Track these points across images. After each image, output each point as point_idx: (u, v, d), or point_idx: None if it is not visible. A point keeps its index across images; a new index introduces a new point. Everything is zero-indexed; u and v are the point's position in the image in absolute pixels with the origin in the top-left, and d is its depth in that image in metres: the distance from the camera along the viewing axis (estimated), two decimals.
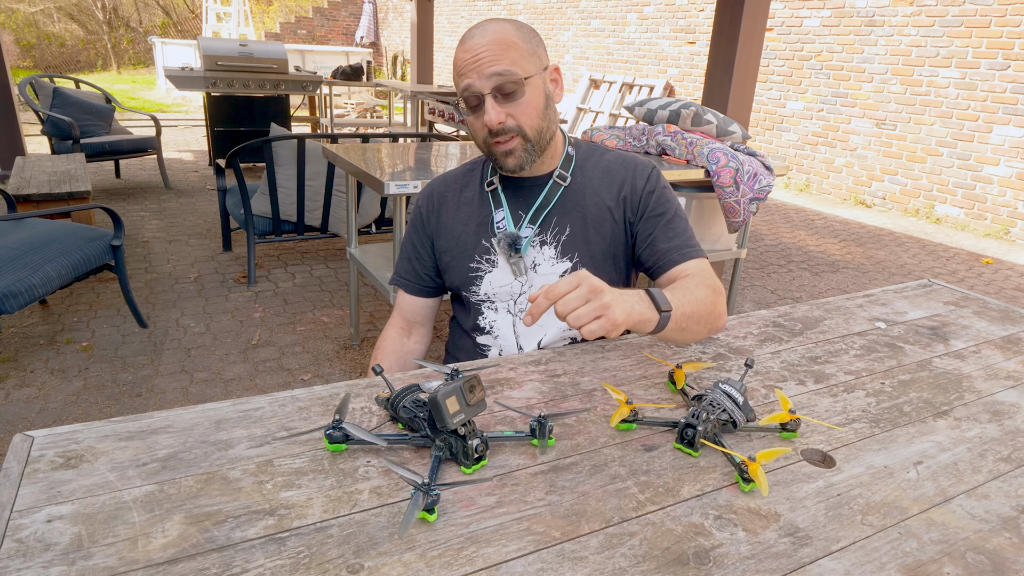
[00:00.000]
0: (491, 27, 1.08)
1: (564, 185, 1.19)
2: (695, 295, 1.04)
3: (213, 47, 5.70)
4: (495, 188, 1.21)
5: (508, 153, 1.11)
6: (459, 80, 1.09)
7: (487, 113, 1.07)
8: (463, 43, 1.08)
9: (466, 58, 1.06)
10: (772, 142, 7.10)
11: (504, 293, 1.20)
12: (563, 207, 1.19)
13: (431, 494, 0.69)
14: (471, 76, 1.06)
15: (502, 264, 1.19)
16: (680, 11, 7.87)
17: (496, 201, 1.21)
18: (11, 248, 2.42)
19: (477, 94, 1.07)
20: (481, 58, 1.05)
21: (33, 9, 15.89)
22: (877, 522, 0.74)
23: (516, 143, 1.10)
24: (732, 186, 2.70)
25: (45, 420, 2.20)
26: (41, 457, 0.76)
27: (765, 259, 4.48)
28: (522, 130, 1.09)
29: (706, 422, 0.84)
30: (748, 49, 3.81)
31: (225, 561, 0.62)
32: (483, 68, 1.05)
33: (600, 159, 1.23)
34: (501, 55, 1.05)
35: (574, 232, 1.18)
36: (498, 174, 1.22)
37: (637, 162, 1.22)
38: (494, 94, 1.06)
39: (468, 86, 1.07)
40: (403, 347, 1.29)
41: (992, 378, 1.11)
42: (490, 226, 1.20)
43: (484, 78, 1.05)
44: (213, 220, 4.57)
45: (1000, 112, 5.20)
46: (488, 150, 1.13)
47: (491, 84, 1.05)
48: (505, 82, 1.05)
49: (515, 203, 1.20)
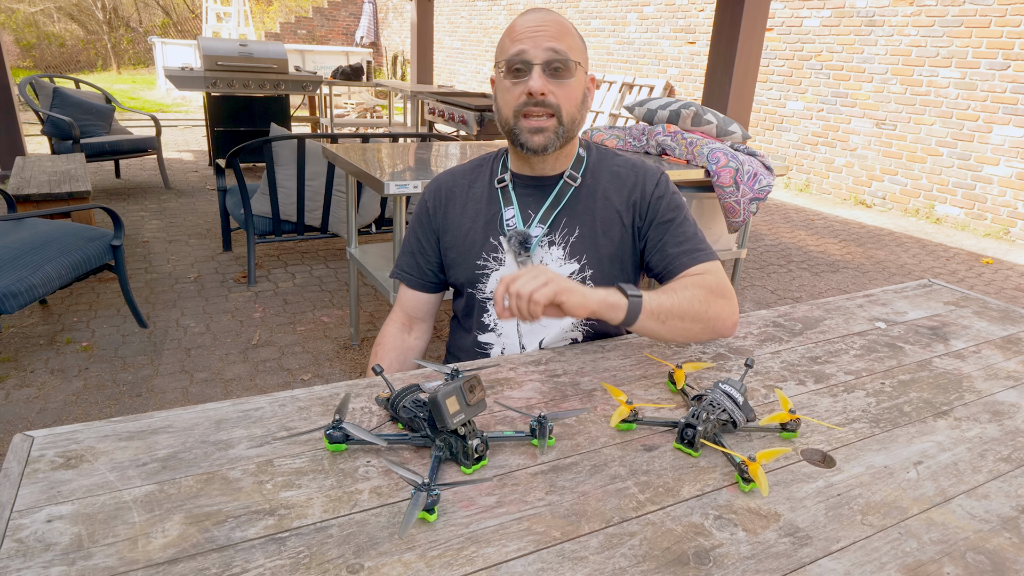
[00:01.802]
0: (552, 13, 1.09)
1: (574, 186, 1.19)
2: (683, 293, 1.05)
3: (213, 47, 5.70)
4: (506, 185, 1.20)
5: (538, 130, 1.09)
6: (510, 45, 1.07)
7: (532, 79, 1.05)
8: (523, 15, 1.09)
9: (526, 25, 1.06)
10: (772, 142, 7.10)
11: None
12: (573, 208, 1.18)
13: (431, 494, 0.69)
14: (526, 43, 1.05)
15: (509, 262, 1.19)
16: (680, 11, 7.87)
17: (506, 198, 1.20)
18: (11, 248, 2.42)
19: (527, 60, 1.06)
20: (541, 30, 1.05)
21: (33, 9, 15.88)
22: (877, 522, 0.74)
23: (551, 123, 1.09)
24: (732, 186, 2.70)
25: (45, 420, 2.20)
26: (41, 457, 0.76)
27: (765, 259, 4.48)
28: (559, 111, 1.09)
29: (706, 422, 0.84)
30: (748, 49, 3.81)
31: (225, 561, 0.62)
32: (541, 40, 1.05)
33: (610, 163, 1.22)
34: (560, 36, 1.06)
35: (583, 234, 1.18)
36: (509, 171, 1.21)
37: (647, 167, 1.22)
38: (543, 67, 1.06)
39: (521, 52, 1.06)
40: (404, 343, 1.28)
41: (992, 378, 1.11)
42: (499, 223, 1.19)
43: (540, 48, 1.05)
44: (213, 220, 4.57)
45: (1000, 112, 5.20)
46: (515, 123, 1.10)
47: (544, 56, 1.05)
48: (558, 59, 1.06)
49: (525, 201, 1.20)
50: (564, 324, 1.21)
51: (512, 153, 1.21)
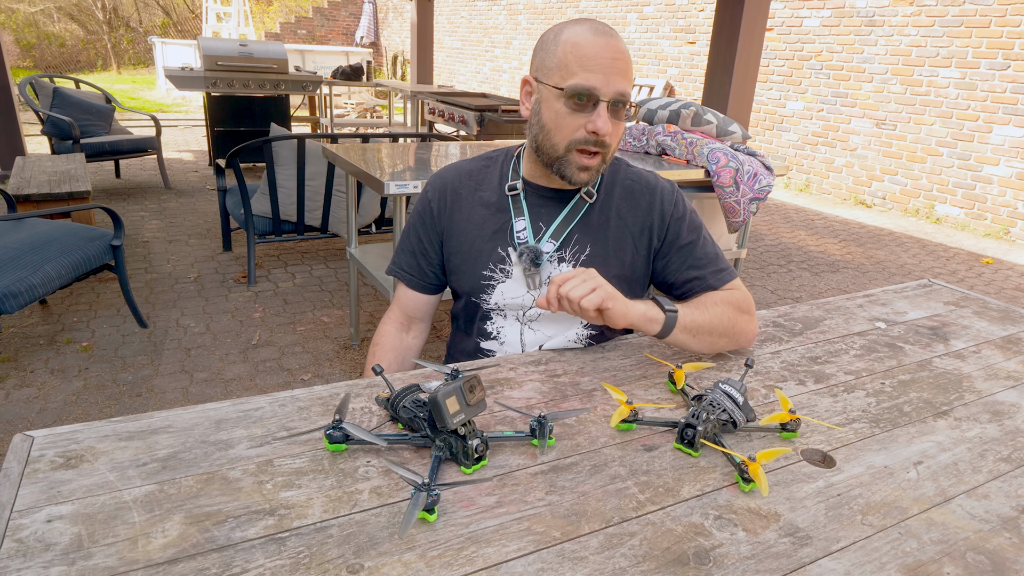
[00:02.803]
0: (619, 39, 1.04)
1: (589, 202, 1.16)
2: (713, 310, 1.09)
3: (213, 47, 5.70)
4: (517, 194, 1.16)
5: (586, 168, 1.06)
6: (577, 69, 1.01)
7: (600, 118, 1.01)
8: (591, 35, 1.02)
9: (602, 55, 1.00)
10: (772, 142, 7.10)
11: (515, 304, 1.17)
12: (586, 225, 1.15)
13: (431, 494, 0.69)
14: (598, 75, 1.00)
15: (517, 275, 1.16)
16: (680, 11, 7.87)
17: (517, 208, 1.15)
18: (11, 248, 2.42)
19: (596, 95, 1.01)
20: (616, 65, 1.01)
21: (33, 9, 15.88)
22: (877, 522, 0.73)
23: (598, 161, 1.06)
24: (732, 186, 2.70)
25: (45, 420, 2.20)
26: (41, 457, 0.76)
27: (765, 259, 4.48)
28: (607, 151, 1.06)
29: (706, 422, 0.84)
30: (748, 49, 3.81)
31: (225, 561, 0.62)
32: (613, 76, 1.01)
33: (623, 176, 1.19)
34: (628, 72, 1.03)
35: (594, 253, 1.15)
36: (522, 178, 1.17)
37: (660, 186, 1.19)
38: (609, 105, 1.02)
39: (592, 84, 1.00)
40: (402, 343, 1.26)
41: (992, 378, 1.11)
42: (509, 234, 1.15)
43: (611, 86, 1.01)
44: (213, 220, 4.57)
45: (1000, 112, 5.20)
46: (565, 154, 1.06)
47: (613, 95, 1.01)
48: (623, 101, 1.02)
49: (536, 212, 1.16)
50: (568, 335, 1.19)
51: (531, 161, 1.16)
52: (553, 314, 1.16)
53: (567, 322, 1.18)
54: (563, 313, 1.17)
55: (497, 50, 11.25)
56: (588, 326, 1.19)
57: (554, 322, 1.18)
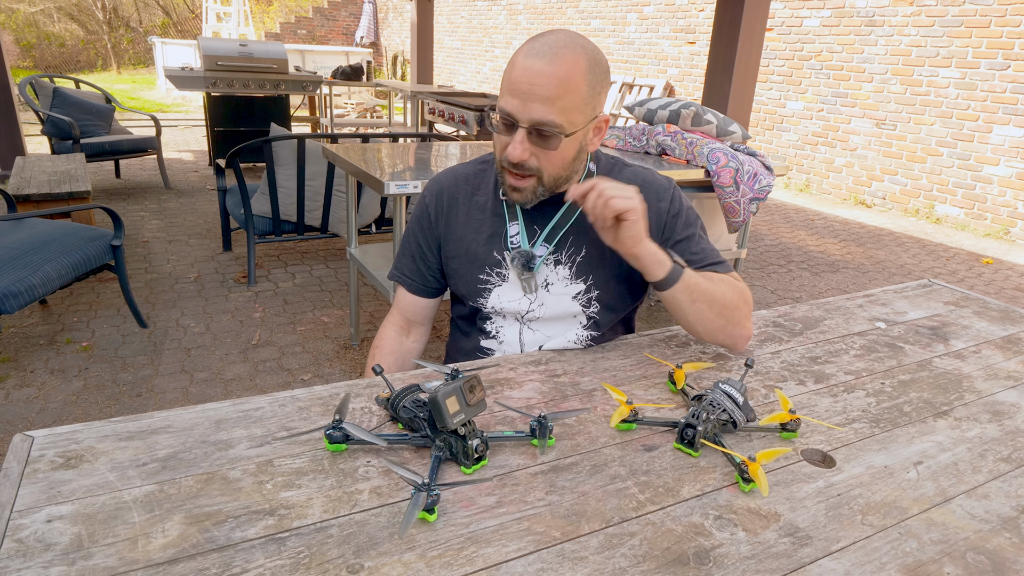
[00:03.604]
0: (565, 55, 0.97)
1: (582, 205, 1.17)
2: (719, 285, 1.09)
3: (213, 47, 5.70)
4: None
5: (517, 189, 1.07)
6: (503, 92, 1.00)
7: (513, 145, 1.00)
8: (527, 55, 0.97)
9: (522, 79, 0.96)
10: (772, 142, 7.10)
11: (512, 307, 1.17)
12: (580, 228, 1.15)
13: (431, 494, 0.69)
14: (516, 98, 0.97)
15: (513, 279, 1.16)
16: (680, 11, 7.87)
17: (511, 213, 1.16)
18: (11, 248, 2.42)
19: (512, 119, 0.99)
20: (536, 86, 0.96)
21: (33, 9, 15.88)
22: (877, 522, 0.74)
23: (529, 183, 1.05)
24: (732, 186, 2.70)
25: (45, 420, 2.20)
26: (41, 457, 0.76)
27: (765, 259, 4.48)
28: (541, 174, 1.05)
29: (706, 422, 0.84)
30: (748, 49, 3.81)
31: (225, 561, 0.62)
32: (532, 99, 0.96)
33: (619, 178, 1.18)
34: (556, 96, 0.96)
35: (590, 254, 1.15)
36: None
37: (657, 183, 1.19)
38: (530, 130, 0.99)
39: (508, 108, 0.99)
40: (402, 346, 1.27)
41: (992, 378, 1.11)
42: (503, 239, 1.16)
43: (528, 110, 0.97)
44: (213, 220, 4.57)
45: (1000, 112, 5.20)
46: (500, 172, 1.08)
47: (530, 120, 0.98)
48: (544, 127, 0.98)
49: (530, 217, 1.16)
50: (568, 336, 1.19)
51: None
52: (551, 313, 1.17)
53: (566, 322, 1.19)
54: (562, 313, 1.17)
55: (497, 50, 11.25)
56: (588, 327, 1.19)
57: (553, 322, 1.18)
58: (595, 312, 1.17)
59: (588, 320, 1.18)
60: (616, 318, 1.21)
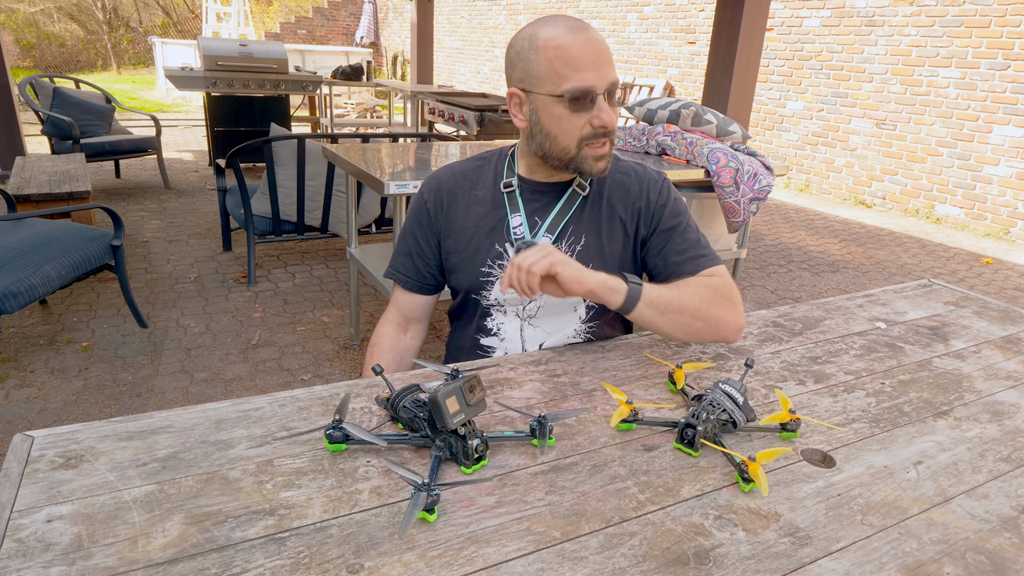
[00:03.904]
0: (595, 31, 1.05)
1: (583, 195, 1.18)
2: (685, 290, 1.08)
3: (213, 47, 5.70)
4: (513, 190, 1.18)
5: (602, 157, 1.09)
6: (568, 74, 1.02)
7: (604, 112, 1.04)
8: (570, 33, 1.02)
9: (588, 51, 1.01)
10: (772, 142, 7.10)
11: (514, 298, 1.18)
12: (580, 218, 1.17)
13: (431, 494, 0.69)
14: (590, 72, 1.02)
15: None
16: (680, 11, 7.87)
17: (513, 204, 1.17)
18: (11, 248, 2.43)
19: (592, 92, 1.03)
20: (602, 56, 1.03)
21: (33, 9, 15.88)
22: (877, 522, 0.74)
23: (608, 147, 1.09)
24: (732, 186, 2.70)
25: (45, 420, 2.20)
26: (41, 457, 0.76)
27: (765, 259, 4.48)
28: (614, 135, 1.09)
29: (706, 422, 0.84)
30: (748, 49, 3.81)
31: (225, 561, 0.62)
32: (604, 68, 1.03)
33: (614, 170, 1.21)
34: (612, 59, 1.05)
35: (589, 243, 1.17)
36: (516, 175, 1.18)
37: (648, 173, 1.21)
38: (604, 95, 1.04)
39: (588, 83, 1.02)
40: (400, 343, 1.27)
41: (992, 378, 1.11)
42: (505, 230, 1.17)
43: (604, 78, 1.03)
44: (213, 220, 4.57)
45: (1000, 112, 5.20)
46: (578, 152, 1.07)
47: (608, 86, 1.03)
48: (615, 87, 1.05)
49: (532, 208, 1.18)
50: (567, 331, 1.20)
51: (527, 157, 1.18)
52: (551, 308, 1.18)
53: (566, 317, 1.20)
54: (561, 308, 1.18)
55: (497, 50, 11.25)
56: (587, 320, 1.20)
57: (553, 317, 1.20)
58: (595, 302, 1.18)
59: (587, 311, 1.20)
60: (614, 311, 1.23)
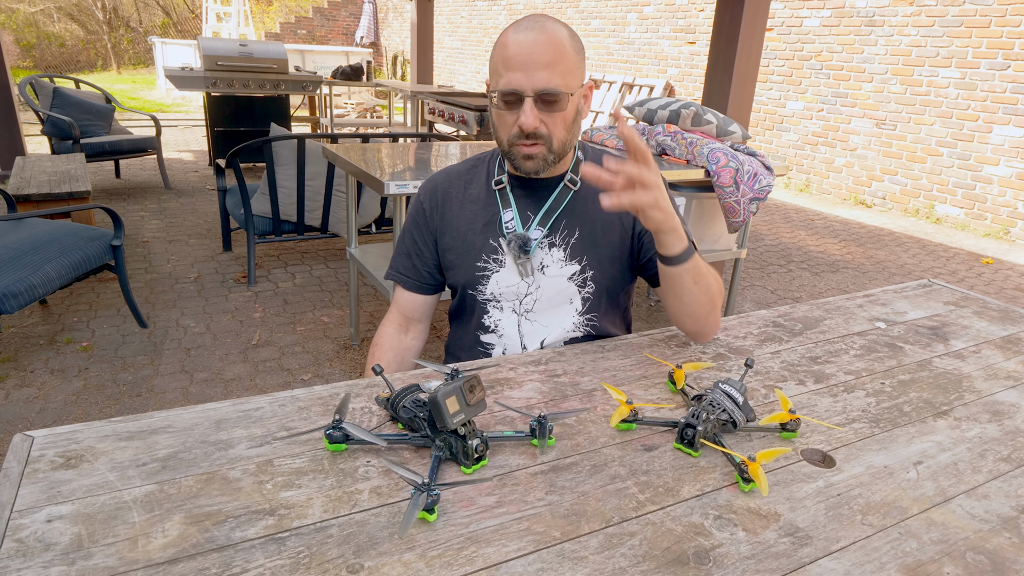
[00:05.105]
0: (548, 26, 1.05)
1: (574, 189, 1.20)
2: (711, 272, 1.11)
3: (213, 47, 5.70)
4: (504, 187, 1.20)
5: (530, 157, 1.10)
6: (502, 72, 1.05)
7: (525, 115, 1.05)
8: (515, 33, 1.04)
9: (518, 52, 1.03)
10: (772, 142, 7.10)
11: (511, 293, 1.20)
12: (572, 211, 1.19)
13: (431, 494, 0.69)
14: (517, 73, 1.03)
15: (510, 264, 1.20)
16: (680, 11, 7.86)
17: (504, 201, 1.20)
18: (11, 248, 2.43)
19: (518, 93, 1.04)
20: (534, 57, 1.02)
21: (33, 9, 15.88)
22: (877, 522, 0.74)
23: (540, 150, 1.10)
24: (732, 186, 2.70)
25: (45, 420, 2.20)
26: (41, 457, 0.76)
27: (765, 259, 4.48)
28: (550, 140, 1.09)
29: (706, 422, 0.84)
30: (748, 49, 3.81)
31: (225, 561, 0.63)
32: (533, 69, 1.02)
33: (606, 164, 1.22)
34: (553, 62, 1.03)
35: (583, 235, 1.19)
36: (507, 173, 1.21)
37: None
38: (535, 99, 1.04)
39: (512, 84, 1.04)
40: (401, 344, 1.29)
41: (992, 378, 1.11)
42: (498, 225, 1.20)
43: (532, 80, 1.03)
44: (213, 220, 4.57)
45: (1000, 112, 5.20)
46: (509, 149, 1.12)
47: (536, 88, 1.03)
48: (549, 93, 1.04)
49: (523, 203, 1.20)
50: (566, 325, 1.21)
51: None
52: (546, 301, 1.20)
53: (563, 309, 1.21)
54: (557, 301, 1.20)
55: None
56: (583, 312, 1.22)
57: (549, 311, 1.21)
58: (590, 293, 1.21)
59: (583, 303, 1.21)
60: (611, 302, 1.24)
